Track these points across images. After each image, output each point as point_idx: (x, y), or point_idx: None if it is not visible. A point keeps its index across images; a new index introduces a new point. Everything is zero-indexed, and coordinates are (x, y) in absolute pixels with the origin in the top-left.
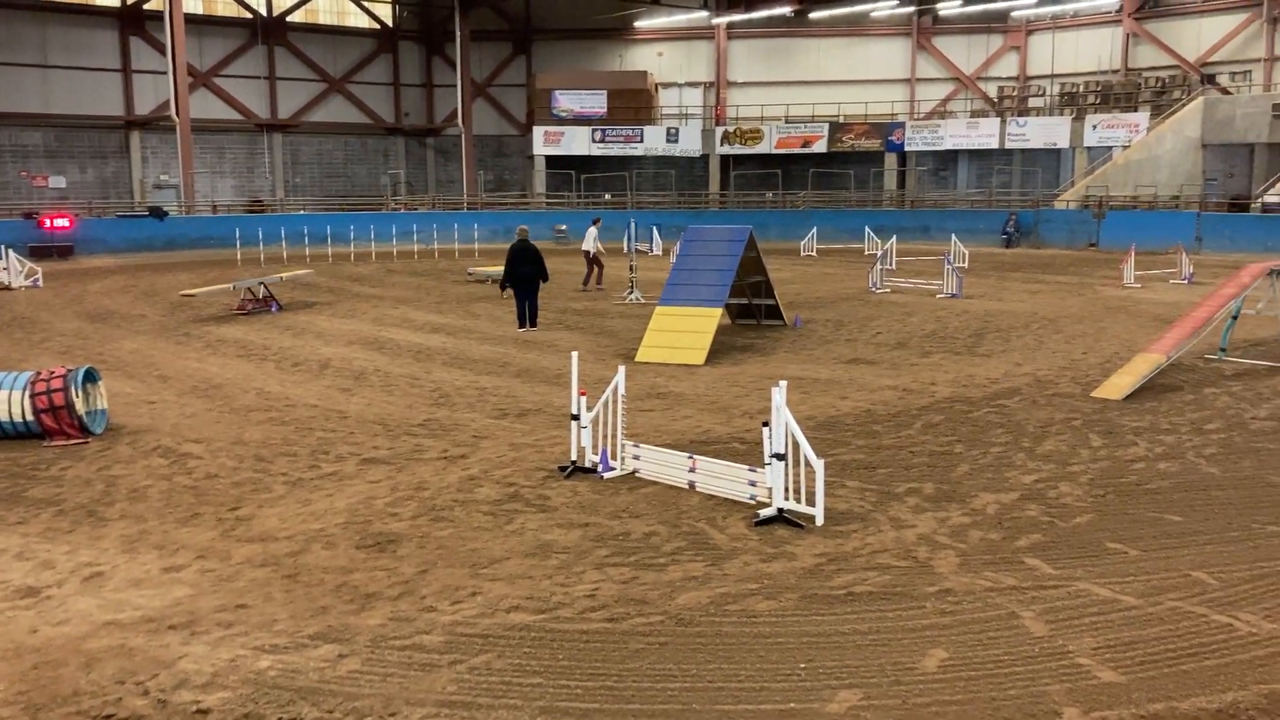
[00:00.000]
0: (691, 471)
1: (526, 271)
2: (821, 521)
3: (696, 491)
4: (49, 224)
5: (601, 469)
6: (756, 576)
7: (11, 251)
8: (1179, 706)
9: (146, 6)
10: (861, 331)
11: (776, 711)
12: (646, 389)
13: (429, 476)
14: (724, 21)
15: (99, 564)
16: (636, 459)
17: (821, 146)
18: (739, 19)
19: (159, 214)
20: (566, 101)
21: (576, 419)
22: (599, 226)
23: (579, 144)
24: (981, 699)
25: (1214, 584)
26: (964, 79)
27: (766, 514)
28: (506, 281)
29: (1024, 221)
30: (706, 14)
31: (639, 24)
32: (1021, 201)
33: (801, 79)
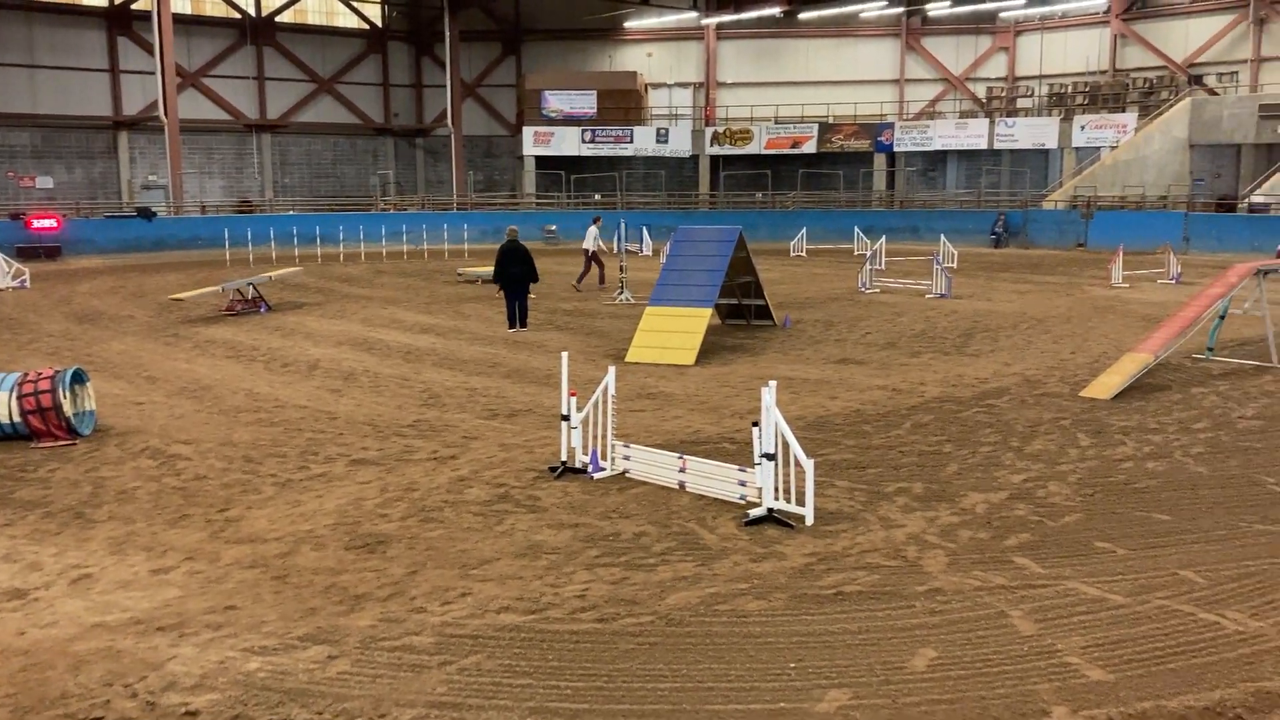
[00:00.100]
0: (681, 472)
1: (516, 272)
2: (811, 521)
3: (686, 492)
4: (33, 225)
5: (592, 469)
6: (746, 576)
7: None
8: (1167, 704)
9: (134, 6)
10: (851, 332)
11: (766, 711)
12: (637, 389)
13: (419, 477)
14: (713, 22)
15: (87, 566)
16: (627, 459)
17: (811, 147)
18: (728, 19)
19: (147, 215)
20: (556, 102)
21: (567, 419)
22: (599, 225)
23: (569, 144)
24: (970, 698)
25: (1201, 582)
26: (953, 79)
27: (756, 514)
28: (496, 281)
29: (1012, 222)
30: (696, 15)
31: (628, 25)
32: (1010, 202)
33: (791, 80)
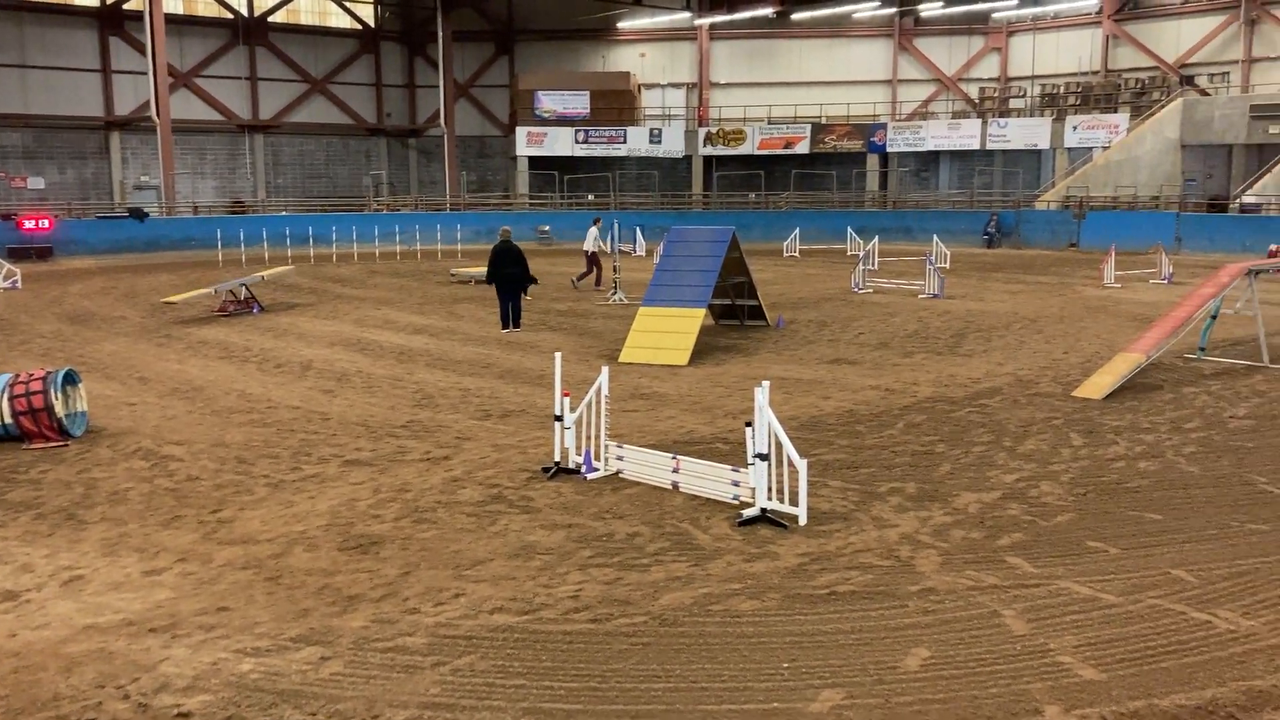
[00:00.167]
0: (675, 472)
1: (510, 273)
2: (804, 521)
3: (680, 492)
4: (25, 225)
5: (585, 470)
6: (740, 576)
7: None
8: (1159, 704)
9: (126, 6)
10: (844, 332)
11: (760, 711)
12: (630, 390)
13: (412, 478)
14: (706, 22)
15: (79, 567)
16: (620, 460)
17: (804, 147)
18: (721, 20)
19: (139, 215)
20: (549, 102)
21: (560, 420)
22: (600, 226)
23: (562, 145)
24: (963, 697)
25: (1193, 582)
26: (945, 80)
27: (750, 514)
28: (490, 282)
29: (1005, 222)
30: (689, 15)
31: (621, 25)
32: (1003, 202)
33: (784, 80)
